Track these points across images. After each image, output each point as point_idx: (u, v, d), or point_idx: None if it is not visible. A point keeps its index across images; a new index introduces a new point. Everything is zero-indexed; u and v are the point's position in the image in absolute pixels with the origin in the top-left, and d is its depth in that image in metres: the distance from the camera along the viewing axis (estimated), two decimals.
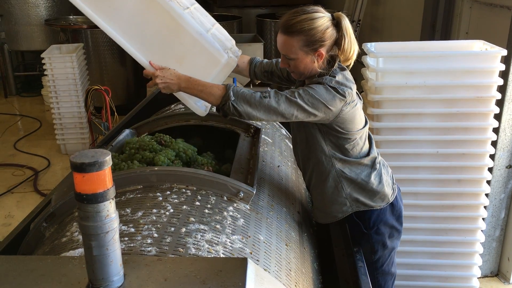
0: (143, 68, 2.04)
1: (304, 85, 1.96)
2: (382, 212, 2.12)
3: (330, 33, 1.90)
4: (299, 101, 1.85)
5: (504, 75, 2.94)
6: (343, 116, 1.94)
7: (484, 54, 2.76)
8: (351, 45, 1.93)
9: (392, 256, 2.26)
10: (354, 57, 1.98)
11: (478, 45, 2.88)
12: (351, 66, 2.02)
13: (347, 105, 1.93)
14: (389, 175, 2.18)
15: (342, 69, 1.99)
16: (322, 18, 1.89)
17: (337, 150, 2.03)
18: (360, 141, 2.06)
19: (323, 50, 1.91)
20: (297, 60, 1.93)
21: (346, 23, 1.92)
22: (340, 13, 1.94)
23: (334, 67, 1.96)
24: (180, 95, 2.02)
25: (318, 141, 2.02)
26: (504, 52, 2.71)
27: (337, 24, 1.91)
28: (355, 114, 1.99)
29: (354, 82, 2.01)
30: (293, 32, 1.88)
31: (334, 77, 1.93)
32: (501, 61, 2.73)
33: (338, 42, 1.92)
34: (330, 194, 2.08)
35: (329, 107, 1.88)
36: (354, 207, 2.09)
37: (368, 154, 2.10)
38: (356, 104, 1.99)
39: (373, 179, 2.09)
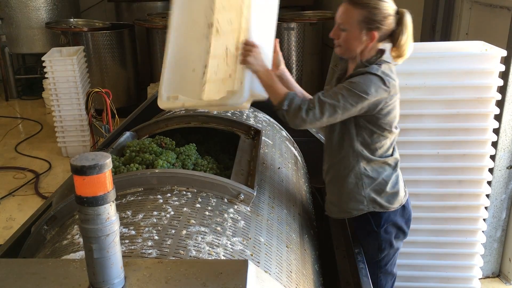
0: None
1: (348, 78, 1.98)
2: (393, 213, 2.14)
3: (389, 22, 1.95)
4: (342, 103, 1.89)
5: (504, 75, 2.94)
6: (386, 109, 1.97)
7: (484, 55, 2.76)
8: (407, 43, 1.98)
9: (395, 257, 2.28)
10: (406, 56, 2.02)
11: (478, 46, 2.88)
12: (398, 63, 2.05)
13: (391, 97, 1.96)
14: (402, 178, 2.21)
15: (386, 62, 2.01)
16: (388, 4, 1.95)
17: (365, 148, 2.06)
18: (388, 141, 2.09)
19: (376, 34, 1.95)
20: (350, 33, 1.97)
21: (408, 20, 1.97)
22: (405, 10, 1.98)
23: (381, 57, 1.99)
24: (245, 74, 1.97)
25: (350, 136, 2.05)
26: (504, 53, 2.71)
27: (399, 18, 1.96)
28: (396, 110, 2.03)
29: (397, 78, 2.02)
30: (357, 4, 1.93)
31: (380, 66, 1.96)
32: (501, 62, 2.73)
33: (394, 36, 1.97)
34: (349, 191, 2.10)
35: (373, 99, 1.91)
36: (371, 207, 2.11)
37: (392, 154, 2.13)
38: (398, 101, 2.03)
39: (393, 180, 2.12)
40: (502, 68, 2.72)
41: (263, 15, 2.06)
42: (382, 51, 2.01)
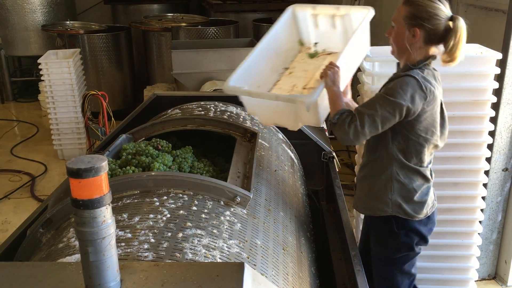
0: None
1: (387, 82, 2.07)
2: (417, 222, 2.17)
3: (436, 22, 1.98)
4: (379, 112, 1.95)
5: (499, 78, 2.95)
6: (423, 115, 2.00)
7: (479, 57, 2.77)
8: (459, 46, 2.00)
9: (415, 259, 2.30)
10: (458, 60, 2.06)
11: (473, 49, 2.90)
12: (451, 66, 2.08)
13: (428, 104, 1.98)
14: (433, 191, 2.22)
15: (429, 68, 2.06)
16: (436, 5, 2.00)
17: (400, 152, 2.09)
18: (426, 151, 2.10)
19: (419, 31, 2.00)
20: (396, 29, 2.06)
21: (460, 25, 1.99)
22: (459, 16, 2.02)
23: (427, 62, 2.04)
24: (320, 85, 2.09)
25: (386, 138, 2.08)
26: (499, 55, 2.72)
27: (452, 22, 2.00)
28: (435, 118, 2.05)
29: (440, 86, 2.07)
30: (407, 2, 2.03)
31: (423, 71, 2.00)
32: (496, 65, 2.74)
33: (445, 38, 2.00)
34: (377, 190, 2.13)
35: (409, 104, 1.94)
36: (395, 211, 2.13)
37: (427, 165, 2.15)
38: (435, 108, 2.04)
39: (422, 191, 2.13)
40: (498, 70, 2.74)
41: (353, 54, 2.28)
42: (430, 57, 2.04)
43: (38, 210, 2.13)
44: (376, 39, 6.37)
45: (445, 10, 2.00)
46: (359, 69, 2.95)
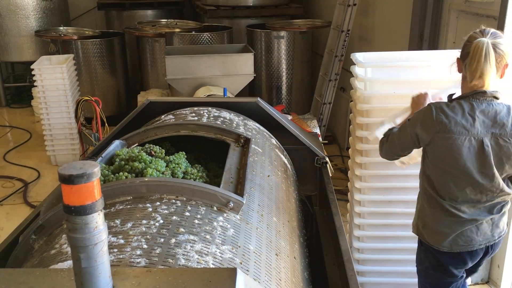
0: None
1: None
2: (440, 252, 2.29)
3: (466, 50, 2.12)
4: (397, 132, 2.28)
5: None
6: (433, 144, 2.13)
7: None
8: (476, 64, 2.06)
9: (430, 282, 2.45)
10: (481, 81, 2.08)
11: None
12: (482, 89, 2.10)
13: (438, 134, 2.09)
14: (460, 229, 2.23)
15: (467, 101, 2.10)
16: (470, 36, 2.14)
17: (425, 180, 2.27)
18: (451, 184, 2.15)
19: (459, 59, 2.19)
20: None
21: (479, 45, 2.05)
22: (480, 39, 2.08)
23: (468, 95, 2.12)
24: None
25: (422, 162, 2.30)
26: None
27: (471, 43, 2.12)
28: (453, 151, 2.08)
29: (466, 120, 2.07)
30: None
31: (451, 102, 2.14)
32: None
33: (466, 60, 2.12)
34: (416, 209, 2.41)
35: (415, 129, 2.16)
36: (417, 232, 2.37)
37: (454, 200, 2.18)
38: (454, 142, 2.06)
39: (442, 222, 2.22)
40: None
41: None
42: (475, 92, 2.10)
43: (31, 217, 2.12)
44: (369, 44, 6.43)
45: (474, 36, 2.11)
46: (351, 74, 2.97)
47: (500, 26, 3.12)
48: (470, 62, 2.04)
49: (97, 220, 0.97)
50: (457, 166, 2.08)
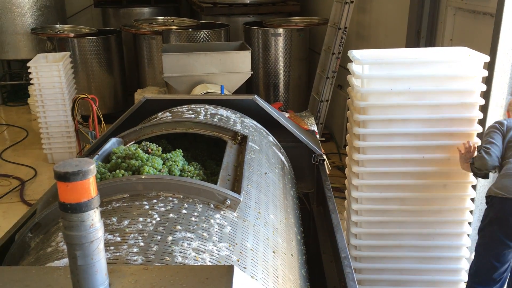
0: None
1: None
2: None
3: None
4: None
5: (487, 81, 2.98)
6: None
7: (467, 60, 2.80)
8: None
9: (492, 246, 2.68)
10: None
11: (461, 52, 2.92)
12: None
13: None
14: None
15: None
16: None
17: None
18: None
19: None
20: None
21: None
22: None
23: None
24: None
25: None
26: (487, 58, 2.75)
27: None
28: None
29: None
30: None
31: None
32: (484, 67, 2.77)
33: None
34: None
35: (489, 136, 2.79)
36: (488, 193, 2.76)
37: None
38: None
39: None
40: (485, 73, 2.76)
41: None
42: None
43: (27, 215, 2.11)
44: (366, 42, 6.43)
45: None
46: (348, 72, 2.97)
47: (497, 24, 3.12)
48: None
49: (93, 218, 0.96)
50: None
